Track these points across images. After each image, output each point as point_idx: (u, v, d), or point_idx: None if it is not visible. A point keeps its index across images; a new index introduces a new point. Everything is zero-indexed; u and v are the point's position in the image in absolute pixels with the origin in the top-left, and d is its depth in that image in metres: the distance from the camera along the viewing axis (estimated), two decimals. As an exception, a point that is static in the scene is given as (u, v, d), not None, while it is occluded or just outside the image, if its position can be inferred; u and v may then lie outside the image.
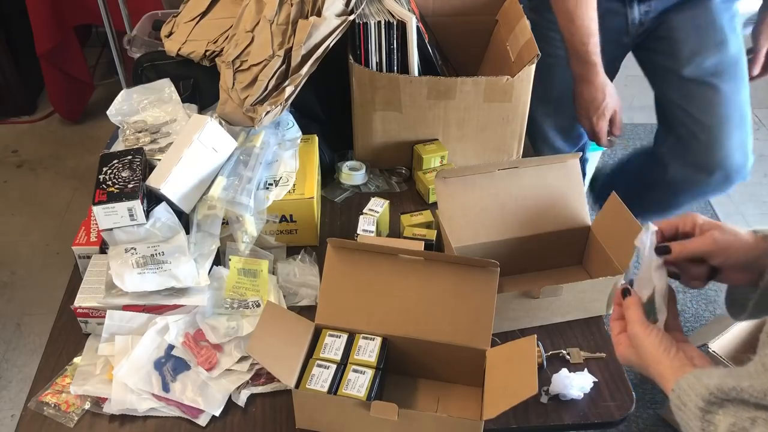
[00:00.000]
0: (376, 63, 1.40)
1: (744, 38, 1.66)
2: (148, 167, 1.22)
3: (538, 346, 1.10)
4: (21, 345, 2.15)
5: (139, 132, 1.32)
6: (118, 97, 1.38)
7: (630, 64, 1.80)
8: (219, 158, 1.24)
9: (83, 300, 1.13)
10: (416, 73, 1.41)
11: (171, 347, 1.10)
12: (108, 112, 1.36)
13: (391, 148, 1.50)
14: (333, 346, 1.05)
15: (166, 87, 1.40)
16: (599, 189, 2.19)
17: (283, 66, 1.29)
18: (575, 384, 1.06)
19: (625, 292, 0.83)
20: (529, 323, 1.18)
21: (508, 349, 1.02)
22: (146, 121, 1.35)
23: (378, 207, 1.30)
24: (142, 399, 1.05)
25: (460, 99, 1.42)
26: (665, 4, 1.62)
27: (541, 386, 1.07)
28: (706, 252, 0.81)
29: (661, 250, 0.82)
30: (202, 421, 1.04)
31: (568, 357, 1.13)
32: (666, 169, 1.73)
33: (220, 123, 1.27)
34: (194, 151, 1.20)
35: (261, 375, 1.10)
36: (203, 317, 1.14)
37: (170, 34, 1.52)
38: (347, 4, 1.33)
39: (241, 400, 1.06)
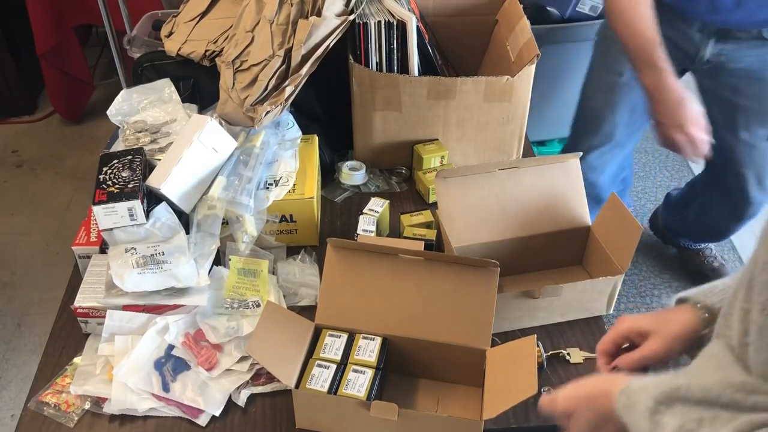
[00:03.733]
0: (376, 63, 1.40)
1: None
2: (148, 167, 1.22)
3: (538, 346, 1.10)
4: (21, 345, 2.15)
5: (139, 132, 1.32)
6: (118, 97, 1.38)
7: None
8: (219, 158, 1.24)
9: (83, 300, 1.13)
10: (416, 73, 1.41)
11: (171, 347, 1.10)
12: (108, 112, 1.36)
13: (391, 148, 1.50)
14: (333, 346, 1.05)
15: (166, 87, 1.40)
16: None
17: (283, 66, 1.29)
18: None
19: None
20: (529, 323, 1.18)
21: (508, 349, 1.02)
22: (146, 121, 1.35)
23: (378, 207, 1.30)
24: (142, 399, 1.05)
25: (460, 99, 1.42)
26: (738, 55, 1.57)
27: (541, 386, 1.07)
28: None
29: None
30: (202, 421, 1.04)
31: (568, 357, 1.13)
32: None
33: (220, 123, 1.27)
34: (194, 151, 1.20)
35: (261, 375, 1.10)
36: (203, 317, 1.14)
37: (170, 34, 1.52)
38: (347, 4, 1.33)
39: (241, 400, 1.06)
